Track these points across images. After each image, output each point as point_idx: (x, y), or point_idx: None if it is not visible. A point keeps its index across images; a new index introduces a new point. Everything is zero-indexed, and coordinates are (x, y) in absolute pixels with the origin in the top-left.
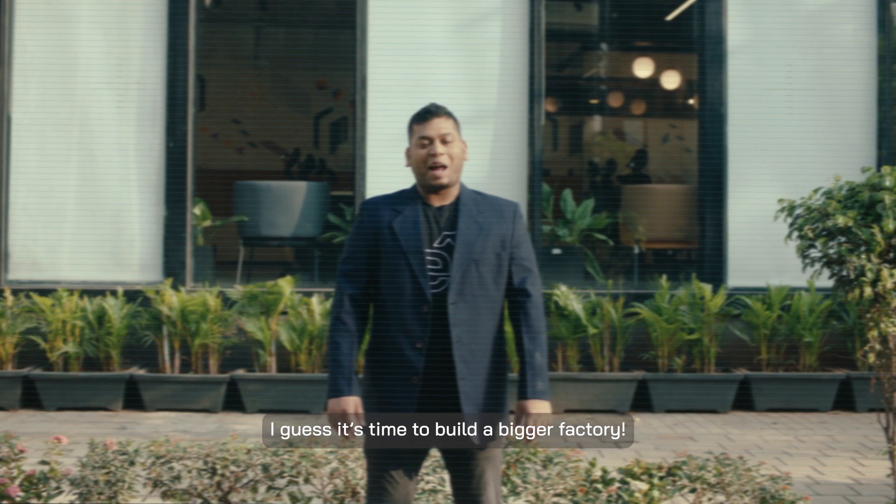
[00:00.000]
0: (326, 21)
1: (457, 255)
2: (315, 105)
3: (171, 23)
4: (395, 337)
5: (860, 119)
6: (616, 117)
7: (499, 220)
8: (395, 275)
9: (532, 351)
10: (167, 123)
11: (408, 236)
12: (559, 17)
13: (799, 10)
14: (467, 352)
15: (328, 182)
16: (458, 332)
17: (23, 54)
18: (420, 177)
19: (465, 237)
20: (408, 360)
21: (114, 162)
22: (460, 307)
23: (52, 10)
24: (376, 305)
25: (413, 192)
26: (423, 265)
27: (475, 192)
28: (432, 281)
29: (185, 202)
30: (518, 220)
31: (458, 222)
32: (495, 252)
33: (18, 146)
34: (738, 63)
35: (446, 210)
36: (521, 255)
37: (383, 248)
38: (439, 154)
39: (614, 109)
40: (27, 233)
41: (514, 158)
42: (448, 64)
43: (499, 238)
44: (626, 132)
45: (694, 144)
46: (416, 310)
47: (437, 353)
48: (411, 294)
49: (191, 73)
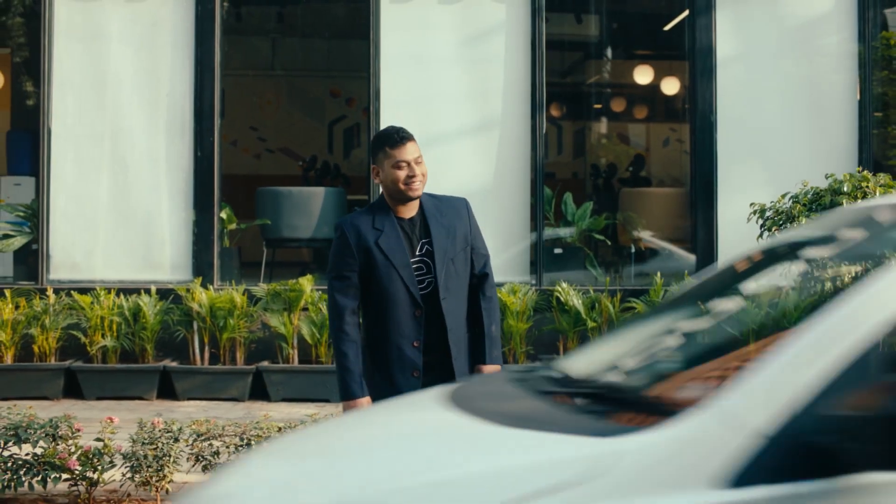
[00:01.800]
0: (338, 32)
1: (437, 258)
2: (329, 112)
3: (198, 40)
4: (392, 339)
5: (843, 125)
6: (615, 122)
7: (458, 219)
8: (387, 286)
9: (490, 324)
10: (195, 134)
11: (394, 253)
12: (560, 29)
13: (784, 22)
14: (455, 336)
15: (343, 187)
16: (450, 321)
17: (60, 71)
18: (396, 192)
19: (440, 242)
20: (407, 358)
21: (145, 170)
22: (449, 300)
23: (86, 30)
24: (367, 312)
25: (383, 206)
26: (412, 276)
27: (428, 194)
28: (420, 284)
29: (213, 207)
30: (471, 214)
31: (430, 230)
32: (462, 247)
33: (57, 156)
34: (727, 73)
35: (417, 220)
36: (479, 244)
37: (373, 264)
38: (417, 175)
39: (613, 115)
40: (66, 236)
41: (518, 164)
42: (455, 76)
43: (462, 235)
44: (625, 137)
45: (688, 149)
46: (410, 314)
47: (432, 346)
48: (404, 301)
49: (217, 87)
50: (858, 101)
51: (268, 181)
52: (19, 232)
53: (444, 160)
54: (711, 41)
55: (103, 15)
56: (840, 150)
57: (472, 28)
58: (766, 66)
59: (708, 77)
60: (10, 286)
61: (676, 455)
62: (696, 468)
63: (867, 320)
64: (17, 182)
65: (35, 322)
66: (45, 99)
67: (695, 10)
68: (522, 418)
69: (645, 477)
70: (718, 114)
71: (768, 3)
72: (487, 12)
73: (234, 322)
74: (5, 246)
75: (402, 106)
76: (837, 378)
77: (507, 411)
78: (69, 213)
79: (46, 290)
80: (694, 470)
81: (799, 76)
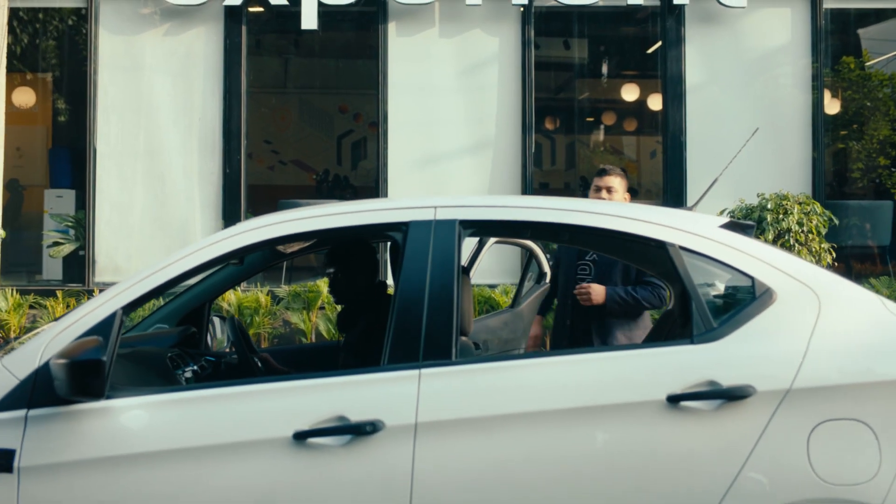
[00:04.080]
0: (346, 53)
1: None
2: (337, 127)
3: (227, 70)
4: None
5: (799, 143)
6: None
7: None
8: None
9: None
10: (223, 152)
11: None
12: (550, 52)
13: (746, 54)
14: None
15: (352, 198)
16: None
17: (105, 97)
18: None
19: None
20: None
21: (180, 184)
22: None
23: (128, 61)
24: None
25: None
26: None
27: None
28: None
29: (239, 216)
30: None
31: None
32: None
33: (102, 172)
34: (695, 98)
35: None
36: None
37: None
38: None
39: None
40: (110, 243)
41: (510, 179)
42: (454, 102)
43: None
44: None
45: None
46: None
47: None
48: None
49: (243, 111)
50: (812, 121)
51: (281, 191)
52: (68, 240)
53: (445, 175)
54: (681, 70)
55: (142, 48)
56: (795, 165)
57: (469, 59)
58: (730, 91)
59: (679, 102)
60: (61, 288)
61: None
62: None
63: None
64: (59, 194)
65: None
66: (90, 121)
67: (667, 43)
68: None
69: None
70: (688, 134)
71: (732, 37)
72: (482, 45)
73: (260, 319)
74: (56, 252)
75: (408, 128)
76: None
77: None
78: (113, 223)
79: (93, 291)
80: None
81: (759, 100)
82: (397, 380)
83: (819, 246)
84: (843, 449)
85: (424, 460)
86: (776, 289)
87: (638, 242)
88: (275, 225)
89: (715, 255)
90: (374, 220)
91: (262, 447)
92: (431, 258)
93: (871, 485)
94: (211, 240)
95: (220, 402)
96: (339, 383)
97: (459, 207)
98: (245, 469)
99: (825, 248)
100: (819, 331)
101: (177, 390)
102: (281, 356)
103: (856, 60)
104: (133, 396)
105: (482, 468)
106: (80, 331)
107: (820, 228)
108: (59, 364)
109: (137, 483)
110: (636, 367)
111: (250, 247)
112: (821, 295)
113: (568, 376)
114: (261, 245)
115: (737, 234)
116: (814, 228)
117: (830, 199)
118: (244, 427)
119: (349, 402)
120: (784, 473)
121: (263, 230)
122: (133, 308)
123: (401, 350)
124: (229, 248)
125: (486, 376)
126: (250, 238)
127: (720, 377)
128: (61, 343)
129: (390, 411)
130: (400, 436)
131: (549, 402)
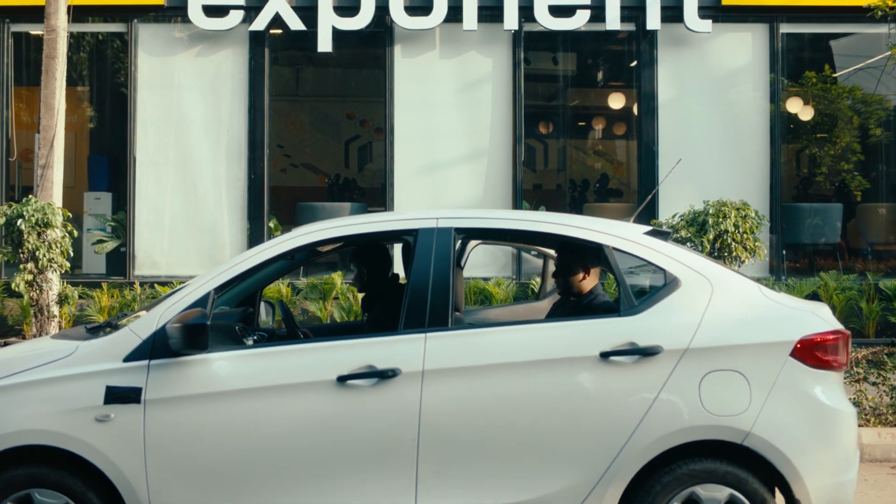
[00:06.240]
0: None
1: None
2: (345, 132)
3: (251, 87)
4: None
5: (758, 153)
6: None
7: None
8: None
9: None
10: (249, 161)
11: None
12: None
13: (712, 73)
14: None
15: (359, 197)
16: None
17: (143, 112)
18: None
19: None
20: None
21: (209, 189)
22: None
23: (163, 79)
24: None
25: None
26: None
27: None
28: None
29: (263, 218)
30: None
31: None
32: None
33: (141, 178)
34: (666, 112)
35: None
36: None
37: None
38: None
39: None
40: (148, 241)
41: (502, 184)
42: (453, 116)
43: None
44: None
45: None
46: None
47: None
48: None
49: (266, 124)
50: (769, 132)
51: (293, 192)
52: (110, 238)
53: (444, 181)
54: (654, 87)
55: (177, 68)
56: (755, 172)
57: (466, 78)
58: (698, 105)
59: (651, 115)
60: (105, 280)
61: (105, 347)
62: (112, 353)
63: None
64: (97, 197)
65: (126, 308)
66: (131, 133)
67: (641, 63)
68: (67, 336)
69: (85, 357)
70: (660, 144)
71: (699, 57)
72: (478, 65)
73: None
74: (101, 249)
75: (412, 139)
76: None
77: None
78: (150, 223)
79: (134, 284)
80: (111, 354)
81: (723, 113)
82: (410, 340)
83: (753, 243)
84: (724, 390)
85: (429, 395)
86: (681, 278)
87: (582, 245)
88: (321, 230)
89: (637, 254)
90: (393, 227)
91: (314, 386)
92: (434, 256)
93: (744, 415)
94: (274, 242)
95: (284, 356)
96: (369, 342)
97: (455, 218)
98: (302, 401)
99: (758, 245)
100: (710, 308)
101: (251, 348)
102: (316, 332)
103: (817, 75)
104: (221, 352)
105: (468, 401)
106: (186, 304)
107: (753, 229)
108: (175, 327)
109: (227, 410)
110: (580, 332)
111: (302, 247)
112: (713, 282)
113: (531, 338)
114: (310, 245)
115: (656, 239)
116: (748, 229)
117: (786, 202)
118: (302, 372)
119: (376, 356)
120: (682, 407)
121: (313, 234)
122: (222, 290)
123: (412, 320)
124: (288, 248)
125: (472, 338)
126: (303, 241)
127: (638, 340)
128: (172, 313)
129: (405, 362)
130: (412, 379)
131: (517, 356)
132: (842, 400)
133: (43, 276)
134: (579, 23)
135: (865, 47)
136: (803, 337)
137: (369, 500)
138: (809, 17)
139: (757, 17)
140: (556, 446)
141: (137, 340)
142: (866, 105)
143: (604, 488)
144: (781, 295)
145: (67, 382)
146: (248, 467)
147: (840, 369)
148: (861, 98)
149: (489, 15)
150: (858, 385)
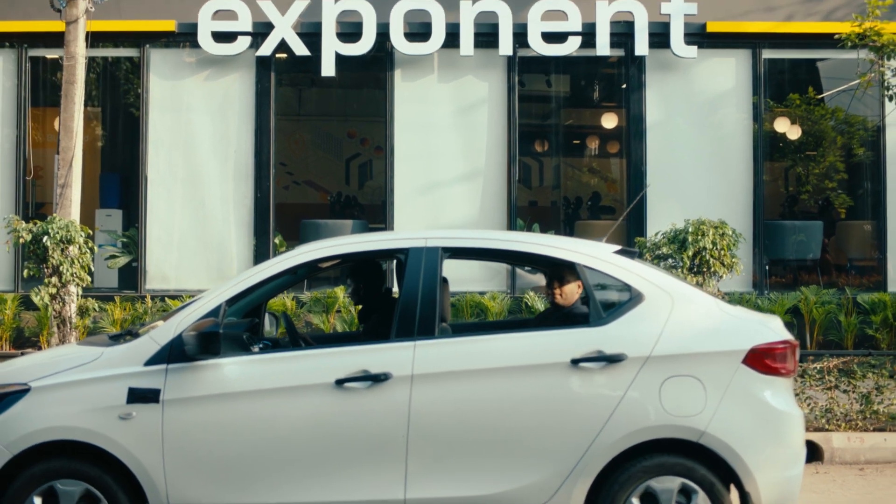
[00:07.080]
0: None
1: None
2: (346, 150)
3: (258, 109)
4: None
5: (742, 173)
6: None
7: None
8: None
9: None
10: (255, 180)
11: None
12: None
13: (696, 97)
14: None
15: (360, 214)
16: None
17: (155, 133)
18: None
19: None
20: None
21: (218, 207)
22: None
23: (174, 101)
24: None
25: None
26: None
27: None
28: None
29: (269, 234)
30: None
31: None
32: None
33: (152, 196)
34: (654, 134)
35: None
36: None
37: None
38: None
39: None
40: (159, 256)
41: (497, 203)
42: (450, 137)
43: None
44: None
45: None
46: None
47: None
48: None
49: (272, 144)
50: (752, 153)
51: (296, 209)
52: (122, 253)
53: (442, 200)
54: (642, 110)
55: (186, 91)
56: (740, 190)
57: (463, 101)
58: (684, 127)
59: (640, 136)
60: (118, 293)
61: (127, 352)
62: (134, 358)
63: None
64: (108, 213)
65: (138, 321)
66: (142, 153)
67: (629, 87)
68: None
69: (110, 361)
70: (647, 164)
71: (685, 82)
72: (474, 89)
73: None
74: (113, 264)
75: (411, 159)
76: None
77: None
78: (161, 239)
79: (145, 297)
80: (133, 359)
81: (708, 135)
82: (400, 348)
83: (730, 259)
84: (682, 394)
85: (418, 397)
86: (645, 293)
87: (555, 263)
88: (322, 249)
89: (606, 271)
90: (386, 246)
91: (315, 388)
92: (423, 272)
93: (700, 416)
94: (279, 259)
95: (288, 361)
96: (363, 349)
97: (442, 238)
98: (304, 401)
99: (735, 261)
100: (671, 320)
101: (258, 353)
102: (316, 340)
103: (800, 97)
104: (231, 357)
105: (452, 402)
106: (200, 314)
107: (731, 246)
108: (191, 335)
109: (237, 409)
110: (554, 341)
111: (306, 263)
112: (674, 297)
113: (510, 346)
114: (312, 262)
115: (623, 257)
116: (725, 246)
117: (770, 219)
118: (304, 376)
119: (370, 361)
120: (644, 408)
121: (315, 252)
122: (232, 302)
123: (403, 329)
124: (292, 264)
125: (456, 346)
126: (305, 258)
127: (605, 348)
128: (187, 323)
129: (396, 367)
130: (402, 382)
131: (496, 362)
132: (790, 403)
133: (66, 290)
134: (571, 49)
135: (845, 70)
136: (754, 346)
137: (364, 490)
138: (790, 43)
139: (740, 43)
140: (531, 443)
141: (156, 347)
142: (849, 125)
143: (573, 481)
144: (737, 308)
145: (94, 384)
146: (256, 460)
147: (788, 375)
148: (844, 119)
149: (485, 41)
150: (830, 392)
